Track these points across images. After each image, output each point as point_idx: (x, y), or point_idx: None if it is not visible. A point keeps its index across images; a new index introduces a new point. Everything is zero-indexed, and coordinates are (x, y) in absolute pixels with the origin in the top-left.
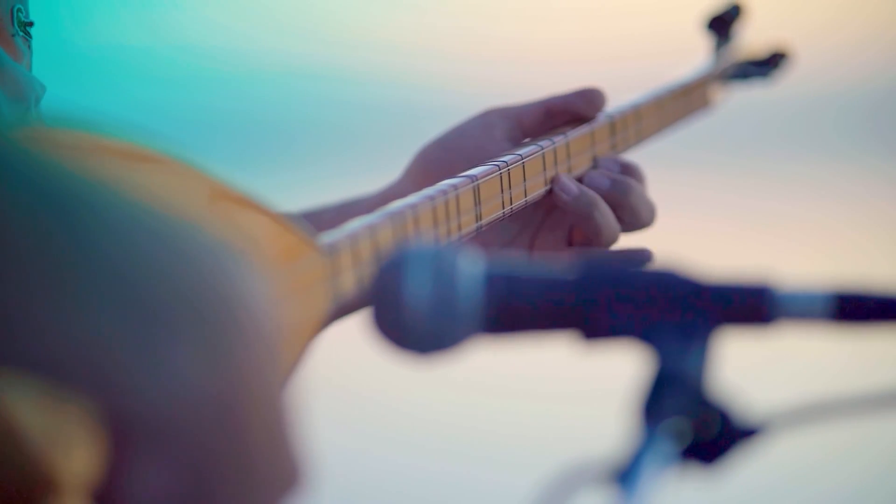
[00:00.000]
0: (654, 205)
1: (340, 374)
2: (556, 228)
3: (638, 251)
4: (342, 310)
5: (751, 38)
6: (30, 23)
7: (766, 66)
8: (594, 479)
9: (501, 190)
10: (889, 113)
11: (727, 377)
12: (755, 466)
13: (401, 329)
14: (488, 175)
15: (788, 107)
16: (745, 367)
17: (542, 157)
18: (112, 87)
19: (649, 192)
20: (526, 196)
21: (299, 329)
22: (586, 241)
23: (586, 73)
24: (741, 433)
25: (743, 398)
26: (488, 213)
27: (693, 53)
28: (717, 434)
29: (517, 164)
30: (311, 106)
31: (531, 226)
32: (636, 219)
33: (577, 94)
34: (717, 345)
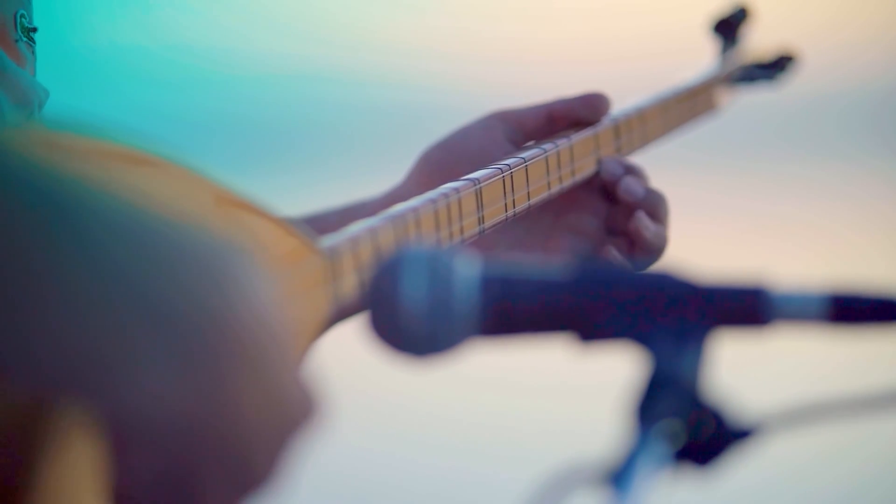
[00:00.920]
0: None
1: (340, 374)
2: (565, 232)
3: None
4: (343, 312)
5: (754, 40)
6: (33, 28)
7: (773, 69)
8: (588, 479)
9: (504, 193)
10: (889, 114)
11: (722, 378)
12: (749, 467)
13: (397, 332)
14: (491, 178)
15: (788, 107)
16: (740, 369)
17: (546, 160)
18: (111, 89)
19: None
20: (529, 199)
21: (300, 332)
22: (627, 247)
23: (589, 74)
24: (735, 435)
25: (737, 400)
26: (491, 216)
27: (698, 53)
28: (711, 436)
29: (520, 167)
30: (312, 108)
31: (536, 229)
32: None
33: (580, 98)
34: (712, 346)
